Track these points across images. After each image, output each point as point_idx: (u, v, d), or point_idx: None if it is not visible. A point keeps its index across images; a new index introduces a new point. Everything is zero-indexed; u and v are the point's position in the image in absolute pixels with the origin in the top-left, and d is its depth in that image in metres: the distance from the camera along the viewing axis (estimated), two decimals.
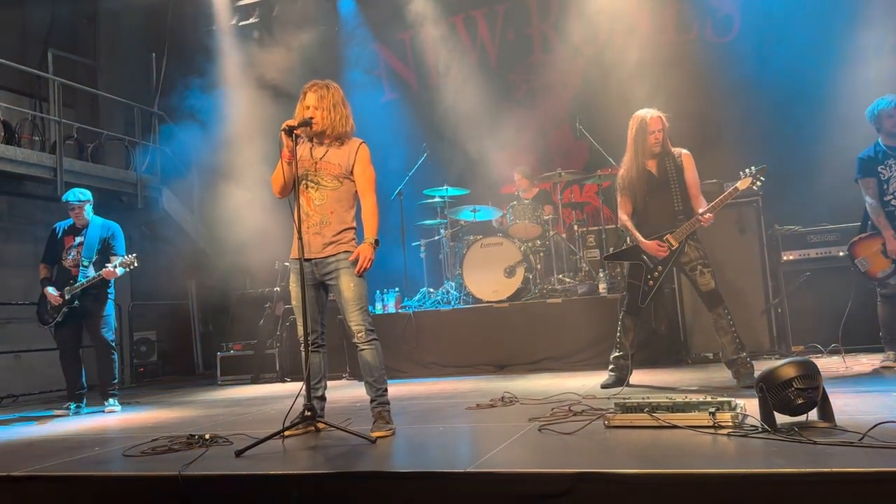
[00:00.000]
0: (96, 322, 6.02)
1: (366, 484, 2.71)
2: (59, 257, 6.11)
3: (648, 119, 4.72)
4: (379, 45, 9.82)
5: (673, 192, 4.71)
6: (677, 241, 4.64)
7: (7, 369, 8.26)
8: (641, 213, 4.81)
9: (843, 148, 5.79)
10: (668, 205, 4.71)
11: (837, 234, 6.06)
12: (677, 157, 4.77)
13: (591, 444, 2.98)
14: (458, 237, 7.74)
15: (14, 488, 3.18)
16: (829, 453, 2.49)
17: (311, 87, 3.83)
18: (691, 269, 4.68)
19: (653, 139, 4.70)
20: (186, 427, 4.33)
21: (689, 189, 4.74)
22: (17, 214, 8.95)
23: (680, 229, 4.63)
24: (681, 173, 4.74)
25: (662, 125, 4.72)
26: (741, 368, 4.56)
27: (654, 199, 4.74)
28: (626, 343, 4.92)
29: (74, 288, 5.91)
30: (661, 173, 4.74)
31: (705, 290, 4.66)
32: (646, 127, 4.71)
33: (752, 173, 4.61)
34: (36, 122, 9.16)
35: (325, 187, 3.78)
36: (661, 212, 4.72)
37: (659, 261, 4.71)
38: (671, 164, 4.74)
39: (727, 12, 7.96)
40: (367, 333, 3.71)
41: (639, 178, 4.75)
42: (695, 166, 4.78)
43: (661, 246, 4.65)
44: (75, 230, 6.17)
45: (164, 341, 10.16)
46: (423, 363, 6.97)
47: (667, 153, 4.76)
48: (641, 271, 4.79)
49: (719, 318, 4.64)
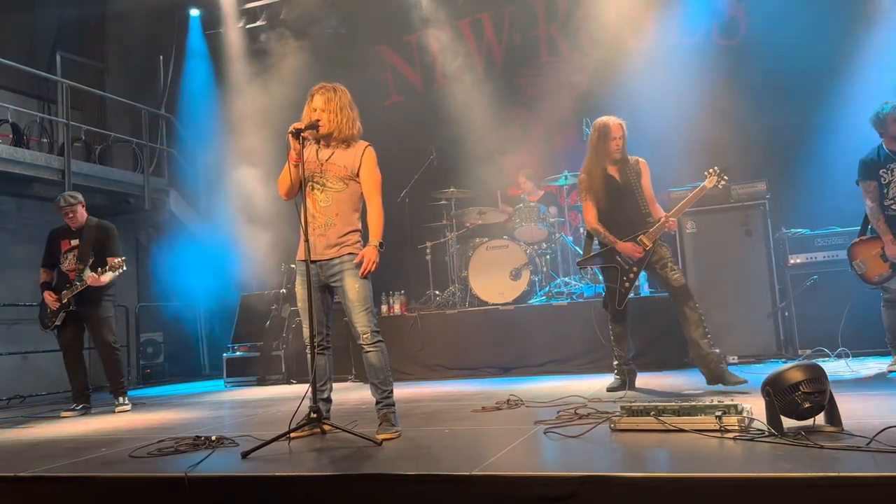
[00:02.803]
0: (95, 325, 5.99)
1: (371, 486, 2.71)
2: (58, 261, 6.05)
3: (611, 125, 4.80)
4: (385, 47, 9.84)
5: (638, 197, 4.80)
6: (651, 242, 4.67)
7: (15, 370, 8.29)
8: (608, 217, 4.84)
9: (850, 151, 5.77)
10: (634, 209, 4.78)
11: (845, 238, 6.02)
12: (635, 164, 4.87)
13: (597, 448, 2.98)
14: (464, 239, 7.74)
15: (21, 489, 3.19)
16: (836, 458, 2.48)
17: (319, 89, 3.84)
18: (662, 266, 4.70)
19: (614, 145, 4.78)
20: (192, 428, 4.34)
21: (646, 194, 4.83)
22: (25, 216, 8.99)
23: (652, 230, 4.67)
24: (639, 179, 4.84)
25: (623, 132, 4.81)
26: (718, 365, 4.52)
27: (619, 203, 4.80)
28: (622, 352, 4.92)
29: (70, 292, 5.86)
30: (624, 179, 4.82)
31: (677, 284, 4.65)
32: (608, 133, 4.78)
33: (717, 172, 4.70)
34: (44, 125, 9.21)
35: (331, 189, 3.79)
36: (629, 216, 4.78)
37: (634, 262, 4.72)
38: (631, 171, 4.83)
39: (734, 15, 7.94)
40: (373, 335, 3.71)
41: (602, 184, 4.82)
42: (649, 174, 4.90)
43: (636, 247, 4.67)
44: (71, 233, 6.08)
45: (170, 343, 10.19)
46: (429, 365, 6.98)
47: (625, 160, 4.85)
48: (616, 274, 4.78)
49: (691, 312, 4.59)
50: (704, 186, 4.70)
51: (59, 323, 5.95)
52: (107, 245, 6.05)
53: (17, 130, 8.49)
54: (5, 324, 8.32)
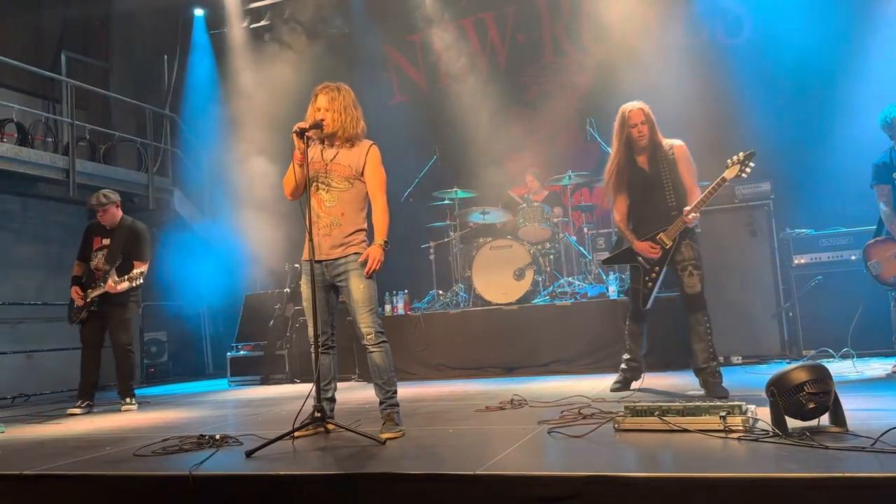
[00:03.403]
0: (115, 325, 6.04)
1: (375, 485, 2.71)
2: (89, 258, 6.13)
3: (628, 112, 4.44)
4: (389, 47, 9.84)
5: (666, 189, 4.42)
6: (670, 240, 4.37)
7: (19, 369, 8.31)
8: (637, 212, 4.55)
9: (855, 151, 5.77)
10: (661, 202, 4.43)
11: (849, 238, 6.03)
12: (668, 151, 4.46)
13: (601, 448, 2.98)
14: (468, 239, 7.74)
15: (26, 487, 3.20)
16: (840, 458, 2.47)
17: (323, 89, 3.84)
18: (682, 268, 4.43)
19: (636, 132, 4.41)
20: (197, 427, 4.35)
21: (683, 184, 4.43)
22: (29, 215, 9.02)
23: (671, 227, 4.36)
24: (673, 167, 4.43)
25: (646, 117, 4.42)
26: (710, 378, 4.36)
27: (647, 197, 4.47)
28: (635, 348, 4.75)
29: (94, 292, 5.94)
30: (653, 169, 4.45)
31: (690, 292, 4.41)
32: (627, 120, 4.43)
33: (740, 160, 4.26)
34: (49, 124, 9.23)
35: (336, 189, 3.79)
36: (655, 210, 4.44)
37: (655, 261, 4.46)
38: (663, 158, 4.44)
39: (738, 14, 7.93)
40: (377, 336, 3.72)
41: (629, 177, 4.49)
42: (689, 157, 4.47)
43: (652, 247, 4.42)
44: (104, 230, 6.13)
45: (174, 342, 10.20)
46: (432, 365, 6.97)
47: (656, 146, 4.45)
48: (640, 274, 4.57)
49: (697, 325, 4.41)
50: (724, 178, 4.27)
51: (83, 318, 6.02)
52: (135, 248, 6.09)
53: (22, 130, 8.51)
54: (9, 322, 8.34)
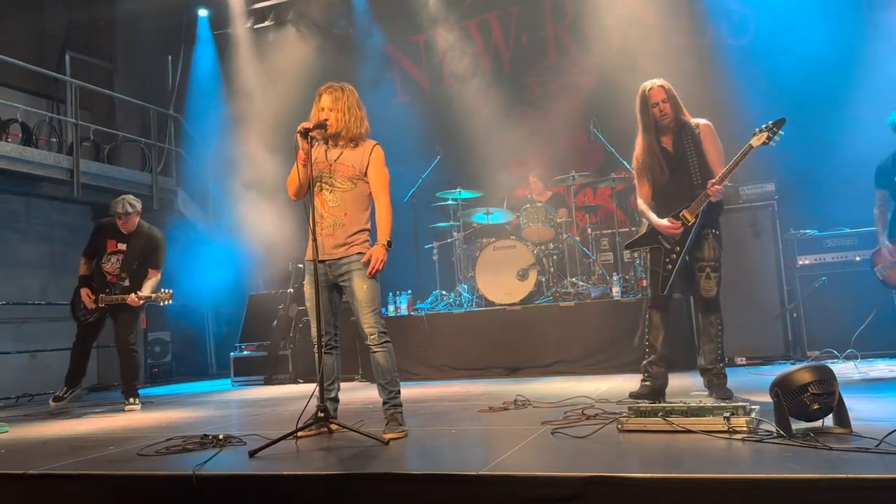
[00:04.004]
0: (122, 324, 6.03)
1: (378, 485, 2.71)
2: (100, 258, 6.05)
3: (649, 91, 4.25)
4: (393, 47, 9.85)
5: (691, 167, 4.22)
6: (693, 216, 4.15)
7: (23, 368, 8.34)
8: (661, 195, 4.32)
9: (860, 152, 5.76)
10: (686, 182, 4.22)
11: (854, 239, 6.02)
12: (695, 129, 4.28)
13: (605, 448, 2.97)
14: (471, 240, 7.73)
15: (29, 486, 3.20)
16: (844, 459, 2.47)
17: (327, 89, 3.85)
18: (700, 268, 4.27)
19: (657, 112, 4.22)
20: (200, 427, 4.35)
21: (710, 161, 4.23)
22: (33, 216, 9.05)
23: (695, 203, 4.15)
24: (699, 146, 4.25)
25: (667, 94, 4.23)
26: (715, 379, 4.32)
27: (672, 177, 4.25)
28: (656, 344, 4.37)
29: (109, 299, 5.91)
30: (678, 149, 4.26)
31: (706, 295, 4.29)
32: (647, 100, 4.24)
33: (769, 127, 4.02)
34: (53, 124, 9.25)
35: (339, 189, 3.79)
36: (680, 190, 4.23)
37: (676, 240, 4.22)
38: (688, 137, 4.25)
39: (742, 14, 7.91)
40: (380, 336, 3.72)
41: (653, 158, 4.27)
42: (716, 136, 4.29)
43: (673, 223, 4.19)
44: (120, 235, 6.06)
45: (177, 342, 10.21)
46: (436, 366, 6.97)
47: (682, 125, 4.28)
48: (660, 256, 4.29)
49: (710, 326, 4.35)
50: (751, 146, 4.03)
51: (92, 320, 6.01)
52: (151, 256, 6.10)
53: (27, 130, 8.53)
54: (14, 322, 8.37)
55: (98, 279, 6.05)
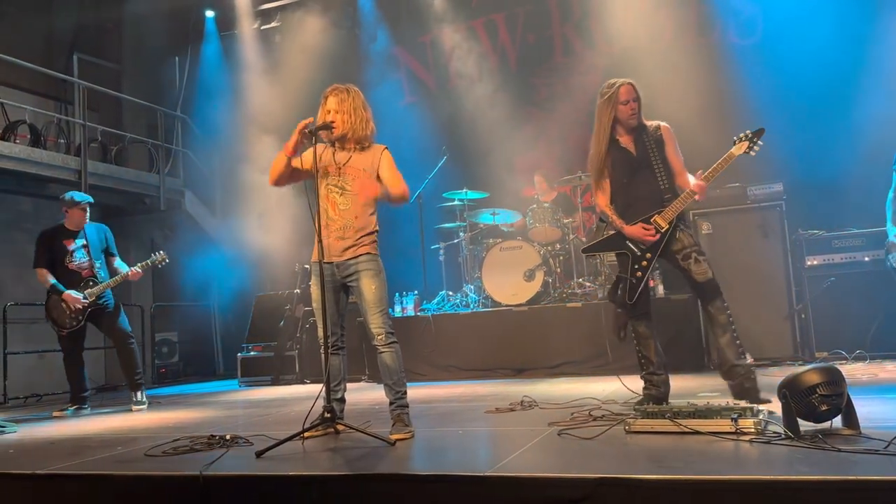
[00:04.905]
0: (112, 316, 6.00)
1: (385, 486, 2.71)
2: (62, 260, 5.95)
3: (618, 89, 4.04)
4: (399, 48, 9.85)
5: (656, 170, 4.04)
6: (666, 222, 3.95)
7: (31, 369, 8.37)
8: (622, 197, 4.11)
9: (868, 151, 5.73)
10: (652, 184, 4.03)
11: (862, 239, 5.99)
12: (654, 132, 4.11)
13: (612, 450, 2.96)
14: (478, 240, 7.73)
15: (38, 486, 3.22)
16: (853, 461, 2.45)
17: (332, 91, 3.86)
18: (685, 256, 3.98)
19: (628, 110, 4.03)
20: (207, 427, 4.36)
21: (672, 166, 4.07)
22: (41, 216, 9.07)
23: (668, 208, 3.95)
24: (661, 148, 4.08)
25: (636, 94, 4.06)
26: (745, 381, 3.89)
27: (635, 180, 4.07)
28: (650, 355, 4.09)
29: (99, 288, 5.87)
30: (640, 150, 4.07)
31: (702, 279, 3.96)
32: (616, 97, 4.03)
33: (748, 136, 3.95)
34: (61, 126, 9.29)
35: (350, 192, 3.79)
36: (645, 193, 4.04)
37: (647, 247, 4.01)
38: (649, 139, 4.08)
39: (750, 14, 7.88)
40: (388, 336, 3.72)
41: (613, 159, 4.09)
42: (675, 140, 4.13)
43: (646, 228, 3.97)
44: (70, 233, 6.02)
45: (185, 342, 10.25)
46: (442, 366, 6.97)
47: (642, 127, 4.11)
48: (627, 262, 4.07)
49: (718, 313, 3.94)
50: (732, 154, 3.94)
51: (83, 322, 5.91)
52: (109, 244, 6.20)
53: (35, 131, 8.57)
54: (22, 323, 8.39)
55: (71, 280, 5.91)
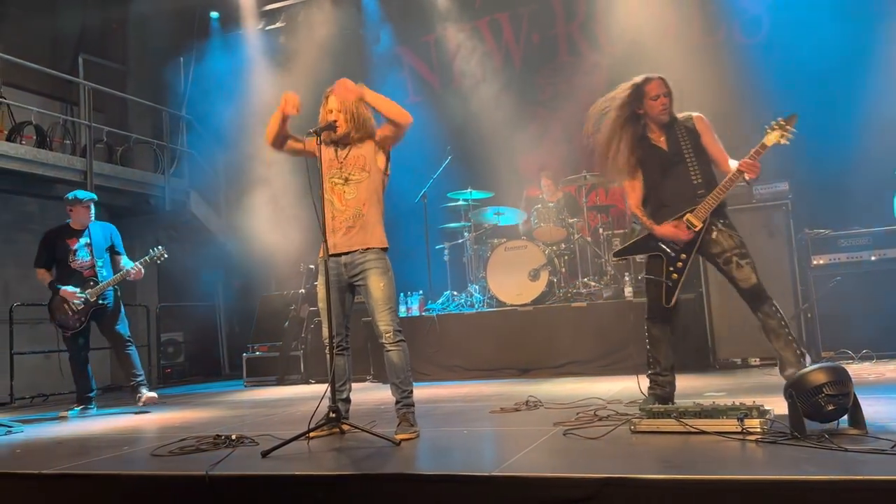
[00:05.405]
0: (111, 319, 5.95)
1: (390, 486, 2.72)
2: (65, 260, 5.93)
3: (649, 83, 3.87)
4: (403, 48, 9.86)
5: (689, 165, 3.84)
6: (700, 221, 3.75)
7: (37, 369, 8.39)
8: (656, 197, 3.93)
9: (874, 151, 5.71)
10: (684, 181, 3.84)
11: (869, 238, 5.96)
12: (686, 123, 3.93)
13: (617, 449, 2.96)
14: (482, 240, 7.73)
15: (44, 486, 3.23)
16: (860, 461, 2.45)
17: (333, 90, 3.87)
18: (725, 261, 3.78)
19: (659, 105, 3.85)
20: (213, 427, 4.37)
21: (712, 156, 3.89)
22: (47, 217, 9.10)
23: (701, 205, 3.75)
24: (696, 140, 3.88)
25: (667, 88, 3.88)
26: None
27: (668, 177, 3.88)
28: (659, 357, 3.98)
29: (101, 287, 5.82)
30: (673, 145, 3.88)
31: (746, 285, 3.75)
32: (644, 91, 3.86)
33: (781, 125, 3.71)
34: (67, 126, 9.33)
35: (354, 180, 3.81)
36: (677, 191, 3.85)
37: (681, 248, 3.82)
38: (682, 134, 3.89)
39: (756, 13, 7.86)
40: (395, 335, 3.73)
41: (644, 156, 3.90)
42: (712, 128, 3.94)
43: (679, 228, 3.78)
44: (74, 232, 6.00)
45: (190, 342, 10.27)
46: (447, 366, 6.97)
47: (674, 121, 3.93)
48: (661, 265, 3.89)
49: (768, 318, 3.74)
50: (764, 144, 3.71)
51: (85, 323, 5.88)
52: (114, 242, 6.11)
53: (41, 132, 8.61)
54: (28, 323, 8.42)
55: (73, 279, 5.89)
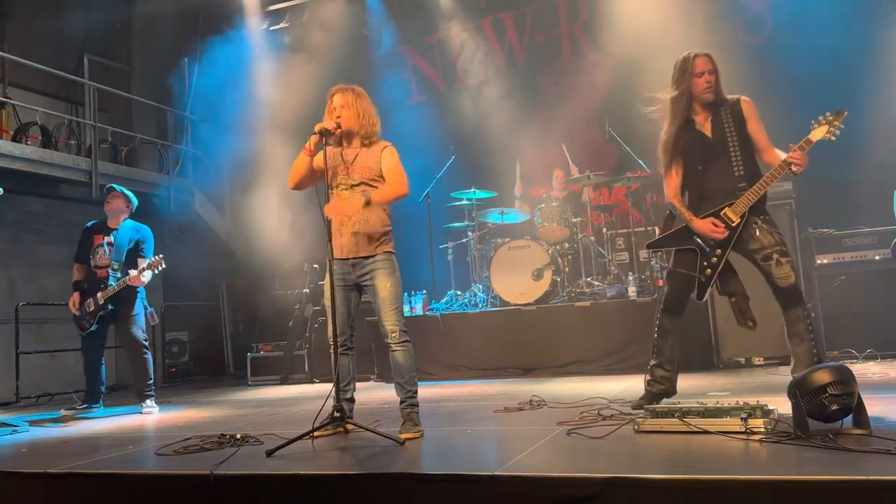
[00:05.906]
0: (126, 322, 5.91)
1: (394, 485, 2.72)
2: (87, 256, 5.93)
3: (694, 59, 3.66)
4: (407, 47, 9.86)
5: (732, 154, 3.65)
6: (738, 216, 3.61)
7: (43, 368, 8.42)
8: (696, 188, 3.75)
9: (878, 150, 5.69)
10: (726, 173, 3.66)
11: (872, 237, 5.96)
12: (734, 107, 3.70)
13: (621, 449, 2.96)
14: (486, 240, 7.73)
15: (50, 485, 3.24)
16: (863, 461, 2.45)
17: (338, 89, 3.91)
18: (765, 257, 3.64)
19: (704, 82, 3.65)
20: (218, 427, 4.38)
21: (756, 143, 3.69)
22: (53, 217, 9.14)
23: (740, 200, 3.59)
24: (742, 126, 3.67)
25: (713, 65, 3.68)
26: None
27: (709, 168, 3.69)
28: (664, 347, 3.92)
29: (107, 293, 5.78)
30: (717, 132, 3.68)
31: (783, 284, 3.62)
32: (689, 68, 3.66)
33: (829, 120, 3.58)
34: (72, 127, 9.34)
35: (360, 189, 3.80)
36: (717, 181, 3.68)
37: (717, 243, 3.67)
38: (728, 116, 3.68)
39: (759, 12, 7.85)
40: (401, 334, 3.75)
41: (686, 143, 3.71)
42: (757, 113, 3.74)
43: (716, 225, 3.63)
44: (106, 229, 6.00)
45: (195, 342, 10.28)
46: (451, 365, 6.97)
47: (720, 104, 3.72)
48: (695, 259, 3.73)
49: (796, 322, 3.64)
50: (809, 140, 3.56)
51: (96, 324, 5.86)
52: (140, 247, 5.99)
53: (46, 132, 8.63)
54: (33, 322, 8.46)
55: (91, 280, 5.89)
